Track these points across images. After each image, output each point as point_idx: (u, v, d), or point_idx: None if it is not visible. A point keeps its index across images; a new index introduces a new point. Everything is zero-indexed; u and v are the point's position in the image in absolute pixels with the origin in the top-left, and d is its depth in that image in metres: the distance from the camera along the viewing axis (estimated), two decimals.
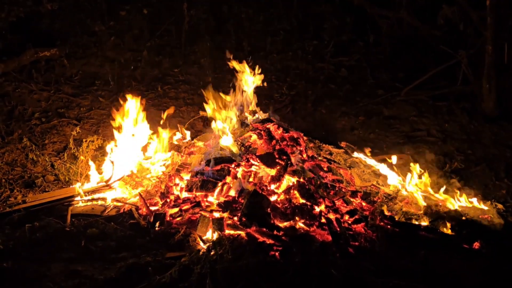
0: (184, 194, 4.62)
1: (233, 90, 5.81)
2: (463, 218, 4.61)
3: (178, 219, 4.34)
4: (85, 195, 4.92)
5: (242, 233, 3.94)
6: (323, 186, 4.74)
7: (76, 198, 4.85)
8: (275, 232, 3.93)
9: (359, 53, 10.03)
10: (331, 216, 4.28)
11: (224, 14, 10.57)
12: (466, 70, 8.25)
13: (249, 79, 5.91)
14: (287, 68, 9.61)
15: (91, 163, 5.53)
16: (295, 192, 4.48)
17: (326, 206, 4.40)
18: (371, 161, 6.11)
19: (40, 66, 8.66)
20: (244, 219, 4.00)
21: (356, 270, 3.57)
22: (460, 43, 8.50)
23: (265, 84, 6.06)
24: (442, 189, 5.43)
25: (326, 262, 3.62)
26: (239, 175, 4.66)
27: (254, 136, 5.12)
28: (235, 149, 4.98)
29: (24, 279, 3.42)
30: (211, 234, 4.03)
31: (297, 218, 4.18)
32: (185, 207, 4.44)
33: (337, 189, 4.81)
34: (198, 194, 4.52)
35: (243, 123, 5.57)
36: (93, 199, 4.88)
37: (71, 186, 5.44)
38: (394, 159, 5.95)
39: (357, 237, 4.09)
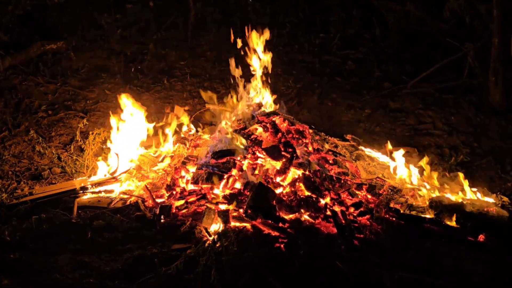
0: (190, 187, 4.64)
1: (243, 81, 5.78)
2: (468, 211, 4.59)
3: (184, 211, 4.35)
4: (92, 187, 4.95)
5: (248, 225, 3.97)
6: (329, 178, 4.74)
7: (82, 191, 4.88)
8: (280, 224, 3.95)
9: (365, 46, 10.02)
10: (337, 208, 4.29)
11: (231, 7, 10.56)
12: (472, 63, 8.22)
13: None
14: (293, 61, 9.60)
15: (97, 155, 5.55)
16: (301, 184, 4.49)
17: (332, 199, 4.41)
18: (377, 154, 6.10)
19: (47, 59, 8.70)
20: (249, 211, 4.01)
21: (361, 263, 3.59)
22: (466, 36, 8.46)
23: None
24: (448, 182, 5.42)
25: (331, 254, 3.64)
26: (245, 167, 4.67)
27: (260, 129, 5.11)
28: (241, 142, 4.99)
29: (32, 271, 3.44)
30: (216, 226, 4.04)
31: (302, 210, 4.20)
32: (191, 199, 4.46)
33: (342, 181, 4.81)
34: (204, 186, 4.54)
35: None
36: (99, 191, 4.91)
37: (77, 179, 5.47)
38: (399, 153, 5.90)
39: (362, 229, 4.10)
